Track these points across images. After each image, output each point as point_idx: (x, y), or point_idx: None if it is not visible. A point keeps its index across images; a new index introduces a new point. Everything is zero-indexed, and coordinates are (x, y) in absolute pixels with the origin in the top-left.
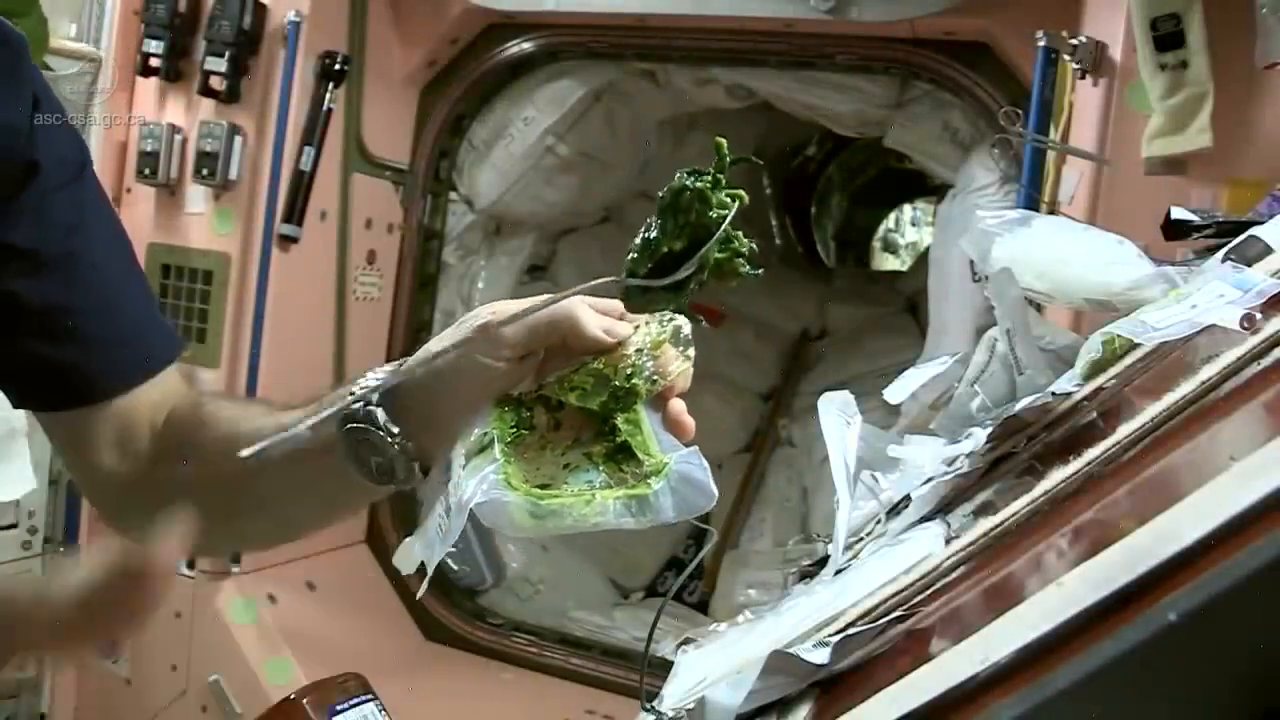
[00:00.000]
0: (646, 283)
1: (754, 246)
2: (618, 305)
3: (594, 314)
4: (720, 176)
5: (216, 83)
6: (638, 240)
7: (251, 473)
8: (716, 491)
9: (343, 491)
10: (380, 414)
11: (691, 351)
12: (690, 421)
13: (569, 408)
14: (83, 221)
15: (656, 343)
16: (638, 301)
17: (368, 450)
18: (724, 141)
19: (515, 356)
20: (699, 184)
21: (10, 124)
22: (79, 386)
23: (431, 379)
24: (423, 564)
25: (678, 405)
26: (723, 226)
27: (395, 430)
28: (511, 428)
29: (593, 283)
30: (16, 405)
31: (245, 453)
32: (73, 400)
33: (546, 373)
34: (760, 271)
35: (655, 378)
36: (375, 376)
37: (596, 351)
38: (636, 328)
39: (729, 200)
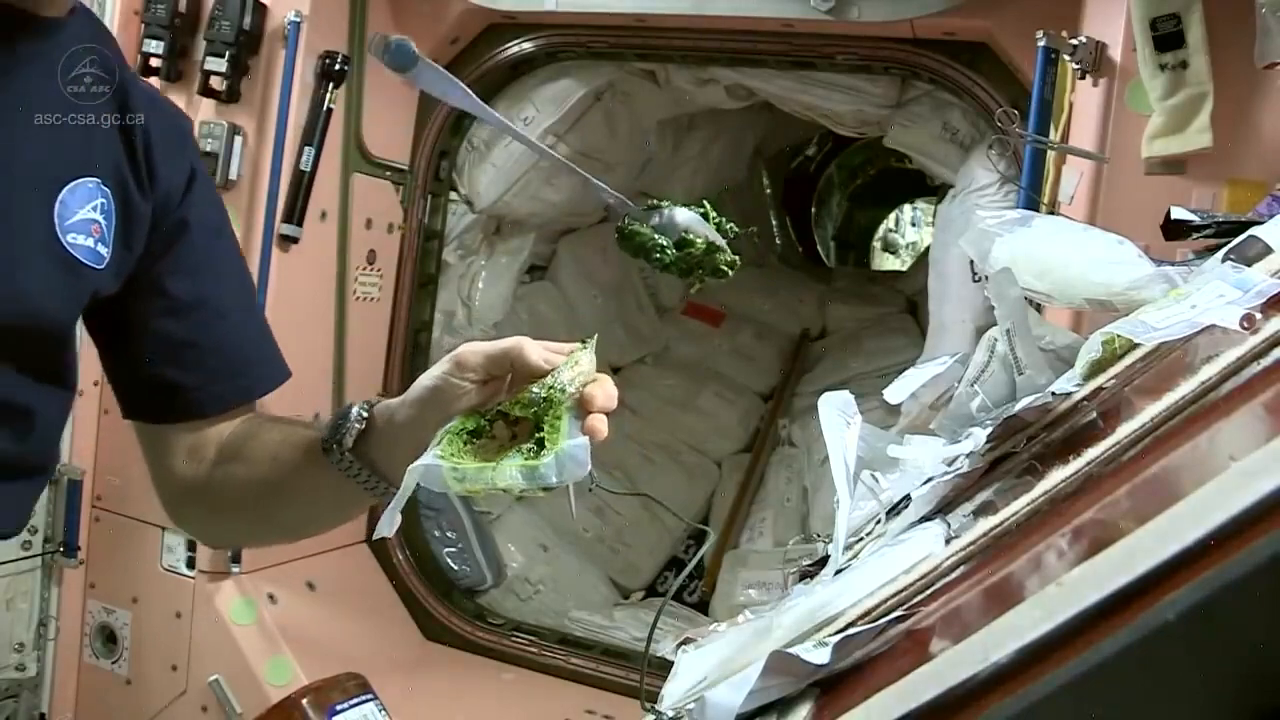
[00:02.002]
0: (637, 210)
1: (736, 257)
2: (560, 345)
3: (538, 347)
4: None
5: (216, 83)
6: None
7: (281, 479)
8: (589, 466)
9: (348, 494)
10: (345, 455)
11: (592, 374)
12: (601, 429)
13: (521, 421)
14: (216, 274)
15: (573, 361)
16: (628, 244)
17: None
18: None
19: (478, 379)
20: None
21: (172, 190)
22: (186, 407)
23: (420, 395)
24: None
25: (594, 417)
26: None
27: (357, 467)
28: (469, 430)
29: (607, 190)
30: (126, 416)
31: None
32: (176, 418)
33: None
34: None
35: (564, 389)
36: (358, 415)
37: (537, 375)
38: (574, 353)
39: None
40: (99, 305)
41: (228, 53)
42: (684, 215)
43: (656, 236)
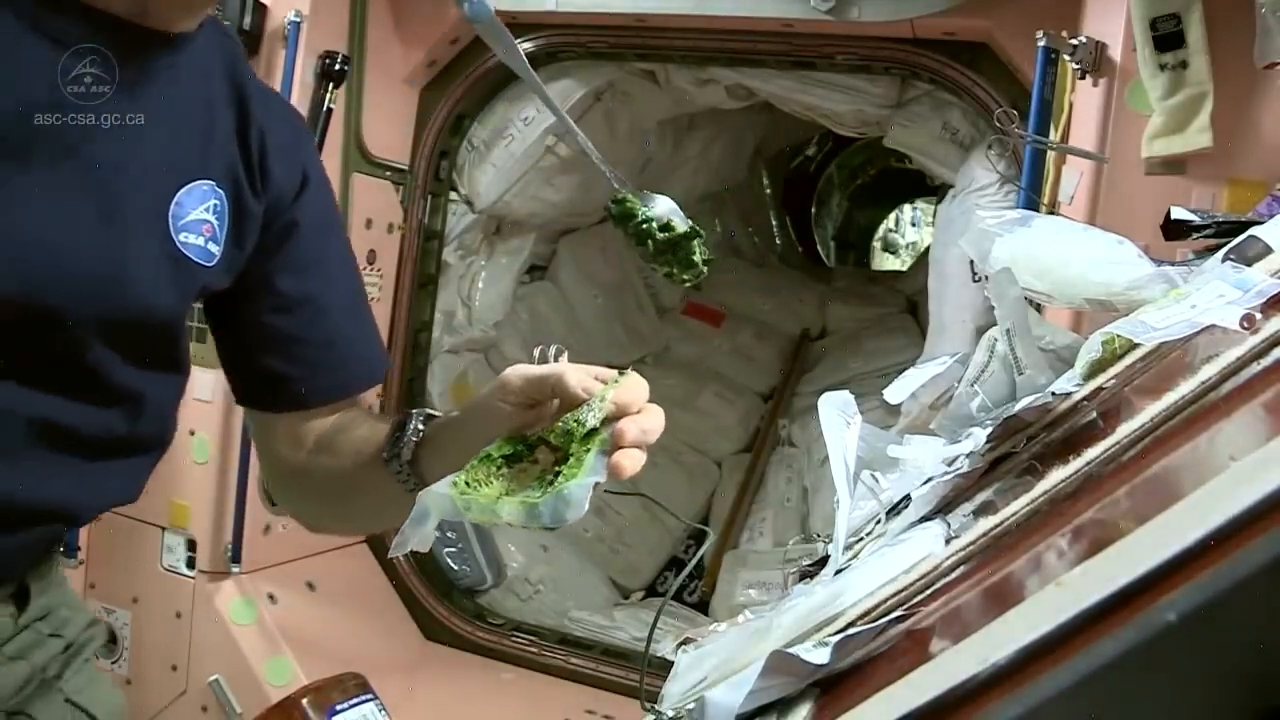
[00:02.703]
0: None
1: (709, 257)
2: (604, 372)
3: (579, 374)
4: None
5: None
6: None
7: (358, 475)
8: (584, 511)
9: (408, 499)
10: (404, 467)
11: (634, 404)
12: (625, 466)
13: (560, 449)
14: (323, 273)
15: (603, 393)
16: (619, 215)
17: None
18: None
19: (519, 402)
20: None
21: (284, 193)
22: (290, 398)
23: (464, 414)
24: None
25: (621, 453)
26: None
27: (413, 481)
28: (505, 455)
29: (609, 171)
30: (238, 402)
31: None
32: (283, 407)
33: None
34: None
35: (583, 422)
36: (414, 430)
37: (576, 402)
38: (606, 386)
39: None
40: (214, 299)
41: None
42: (667, 204)
43: (646, 209)
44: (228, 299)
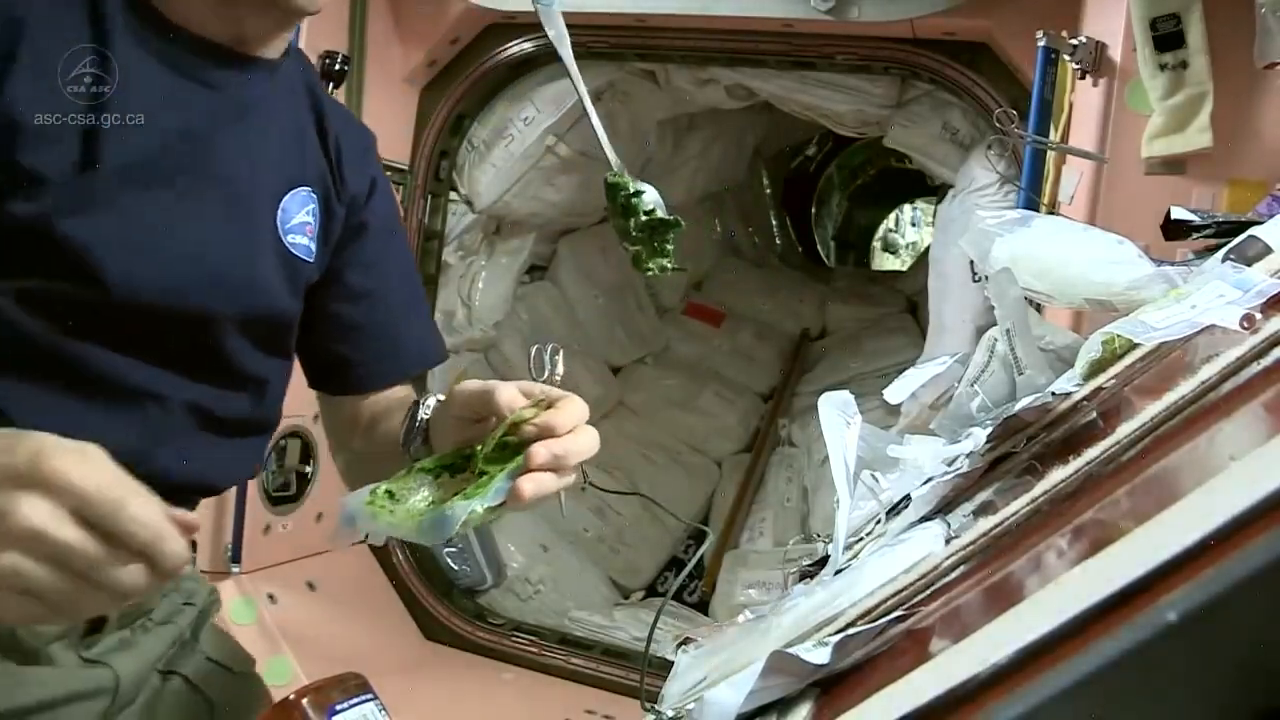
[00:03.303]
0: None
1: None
2: (541, 389)
3: (509, 392)
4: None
5: None
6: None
7: (393, 458)
8: (452, 533)
9: None
10: (415, 449)
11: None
12: (526, 490)
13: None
14: (385, 268)
15: (517, 419)
16: (611, 190)
17: None
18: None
19: (462, 415)
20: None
21: (357, 196)
22: (354, 381)
23: (438, 414)
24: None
25: (525, 477)
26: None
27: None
28: (445, 465)
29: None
30: (310, 385)
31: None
32: (346, 390)
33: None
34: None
35: (482, 443)
36: (421, 422)
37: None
38: (525, 409)
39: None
40: None
41: None
42: (654, 195)
43: (636, 185)
44: (306, 291)
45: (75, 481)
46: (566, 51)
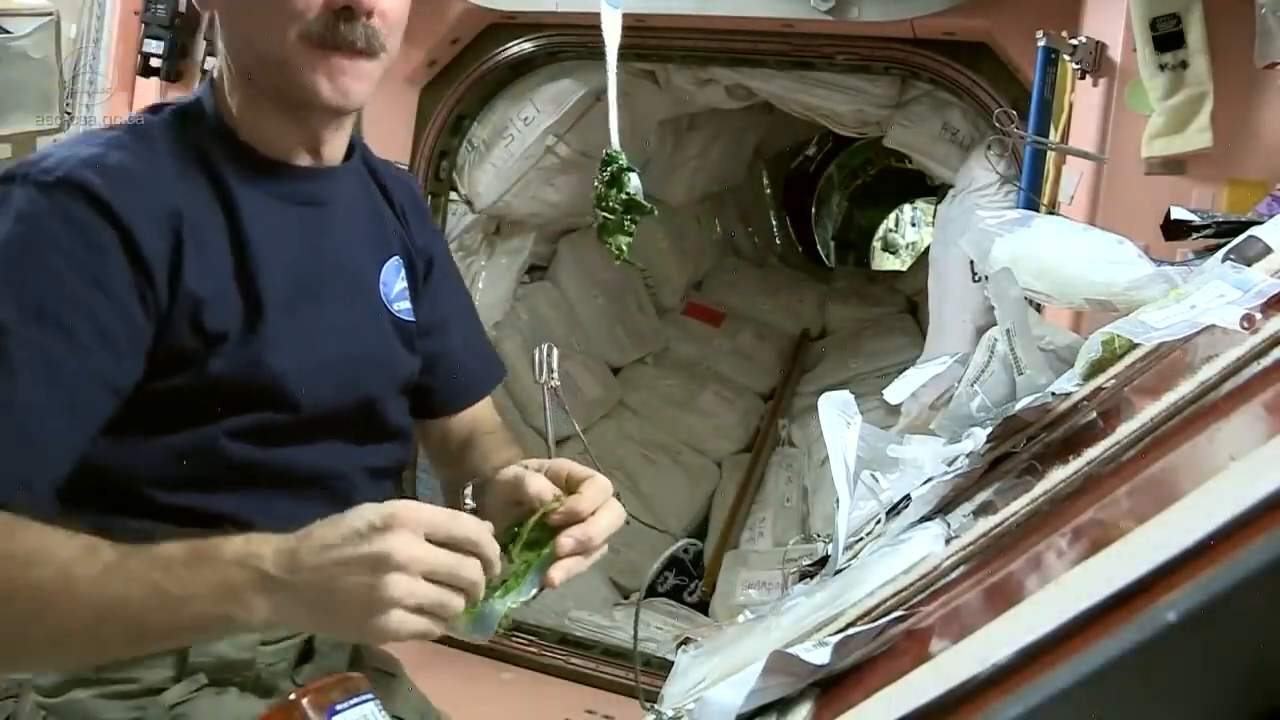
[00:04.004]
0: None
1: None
2: (566, 466)
3: (537, 483)
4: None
5: None
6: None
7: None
8: (491, 634)
9: None
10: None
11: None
12: (555, 579)
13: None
14: (448, 300)
15: (546, 511)
16: (604, 161)
17: None
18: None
19: (503, 501)
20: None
21: (422, 245)
22: (437, 407)
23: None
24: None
25: (555, 566)
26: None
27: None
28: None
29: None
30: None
31: None
32: (434, 414)
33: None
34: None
35: (514, 540)
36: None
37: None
38: (549, 504)
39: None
40: None
41: None
42: (639, 184)
43: (631, 165)
44: None
45: (418, 516)
46: (613, 50)
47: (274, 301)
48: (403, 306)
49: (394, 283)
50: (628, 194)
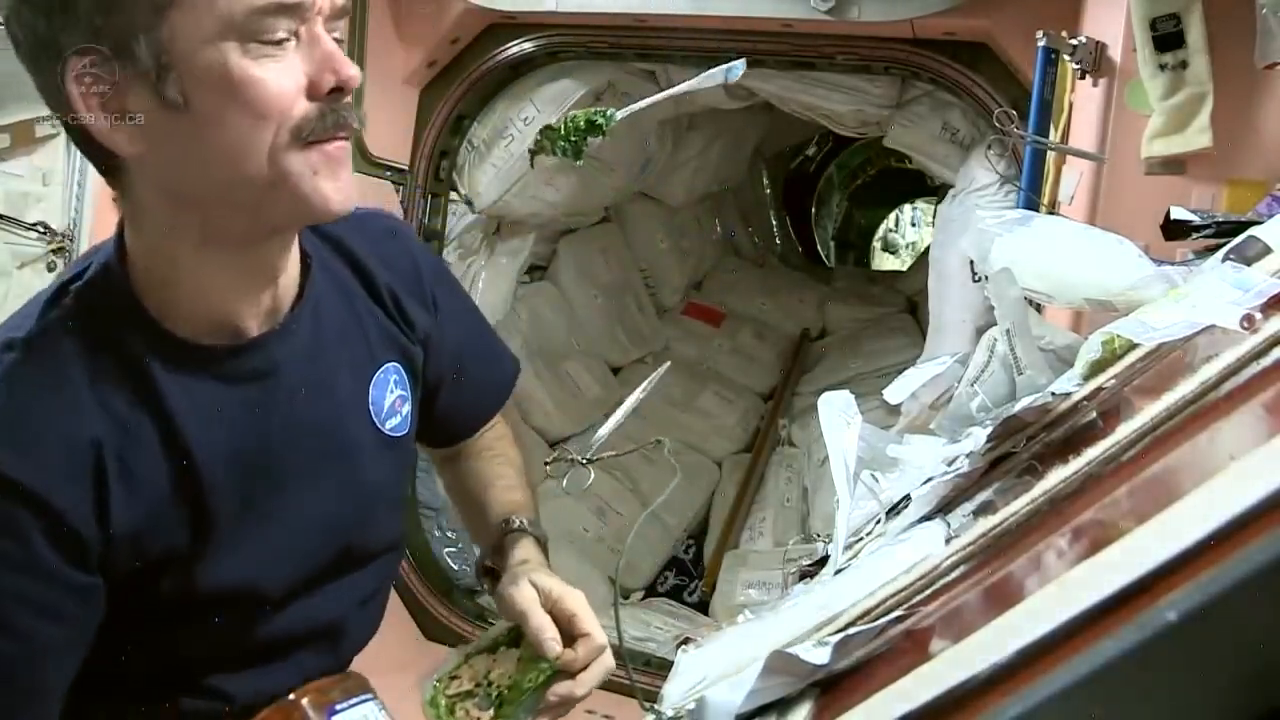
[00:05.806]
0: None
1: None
2: (570, 605)
3: (538, 617)
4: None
5: None
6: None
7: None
8: None
9: None
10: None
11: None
12: None
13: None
14: (460, 323)
15: (541, 672)
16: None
17: None
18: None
19: (507, 614)
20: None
21: (423, 317)
22: (455, 433)
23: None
24: None
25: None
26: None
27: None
28: (504, 642)
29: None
30: (419, 441)
31: None
32: (456, 440)
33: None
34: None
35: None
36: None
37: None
38: (544, 668)
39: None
40: None
41: None
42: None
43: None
44: None
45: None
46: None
47: (223, 505)
48: (394, 423)
49: (385, 398)
50: (599, 120)
